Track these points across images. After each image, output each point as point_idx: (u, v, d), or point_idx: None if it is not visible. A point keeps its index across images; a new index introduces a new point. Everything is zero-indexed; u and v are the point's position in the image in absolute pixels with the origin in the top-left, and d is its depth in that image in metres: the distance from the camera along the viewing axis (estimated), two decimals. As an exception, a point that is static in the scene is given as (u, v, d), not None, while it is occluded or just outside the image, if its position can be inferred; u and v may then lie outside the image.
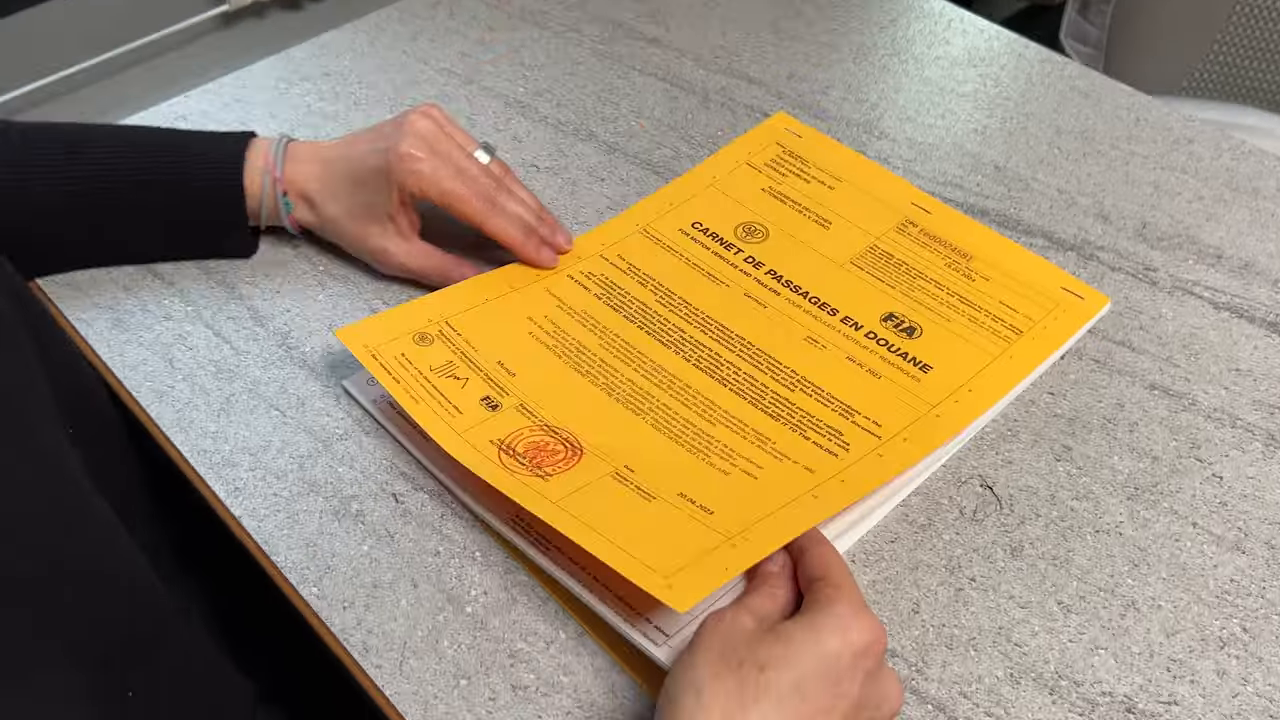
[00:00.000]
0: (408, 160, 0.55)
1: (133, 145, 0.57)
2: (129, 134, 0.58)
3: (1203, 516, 0.49)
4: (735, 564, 0.43)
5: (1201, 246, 0.62)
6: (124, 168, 0.55)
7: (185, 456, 0.51)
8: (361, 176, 0.56)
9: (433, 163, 0.55)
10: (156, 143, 0.57)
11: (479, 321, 0.56)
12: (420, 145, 0.55)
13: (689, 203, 0.63)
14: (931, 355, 0.54)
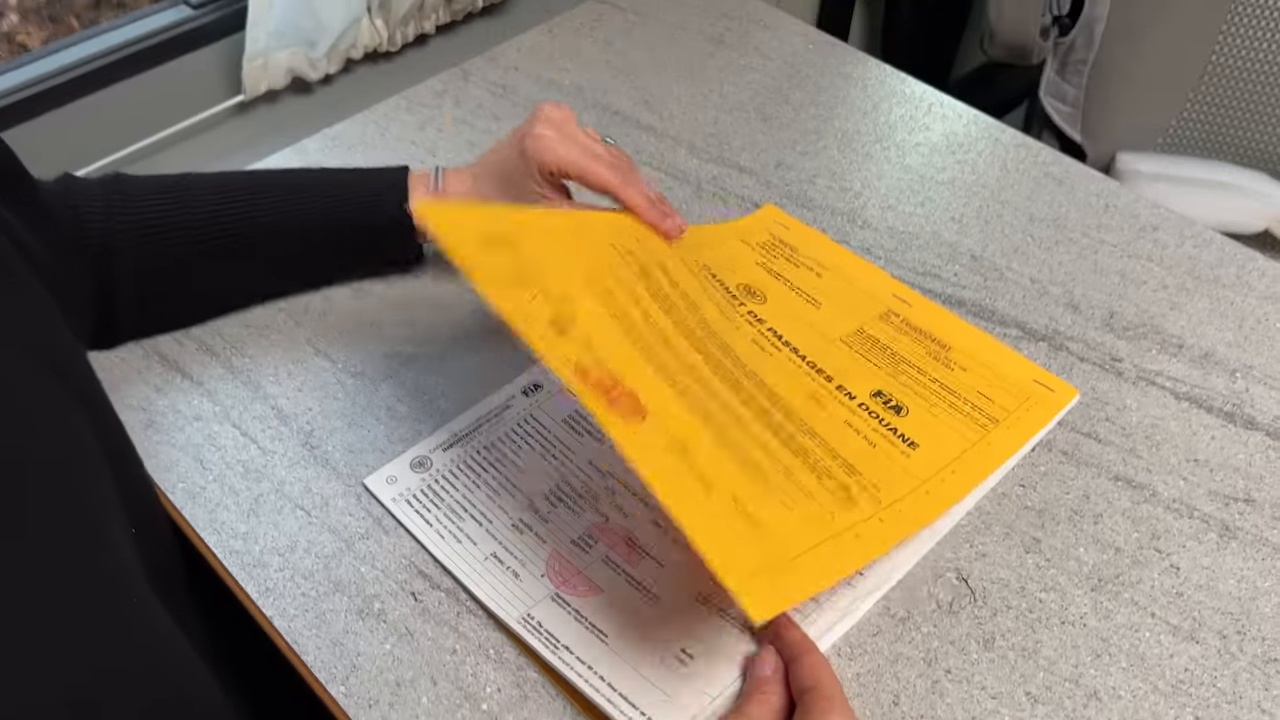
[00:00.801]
0: (541, 139, 0.60)
1: (305, 183, 0.64)
2: (298, 175, 0.65)
3: (1160, 607, 0.53)
4: (798, 591, 0.46)
5: (1165, 336, 0.66)
6: (305, 201, 0.62)
7: (219, 556, 0.55)
8: (505, 171, 0.62)
9: (564, 139, 0.61)
10: (328, 179, 0.64)
11: (559, 248, 0.55)
12: (550, 127, 0.61)
13: (701, 249, 0.66)
14: (918, 434, 0.58)
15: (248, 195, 0.61)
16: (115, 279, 0.59)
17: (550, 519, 0.56)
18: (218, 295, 0.65)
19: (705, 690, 0.49)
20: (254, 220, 0.61)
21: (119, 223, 0.59)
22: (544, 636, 0.51)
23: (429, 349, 0.65)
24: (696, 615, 0.52)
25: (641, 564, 0.54)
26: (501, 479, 0.58)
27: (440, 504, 0.57)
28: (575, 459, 0.59)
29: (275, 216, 0.62)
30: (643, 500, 0.57)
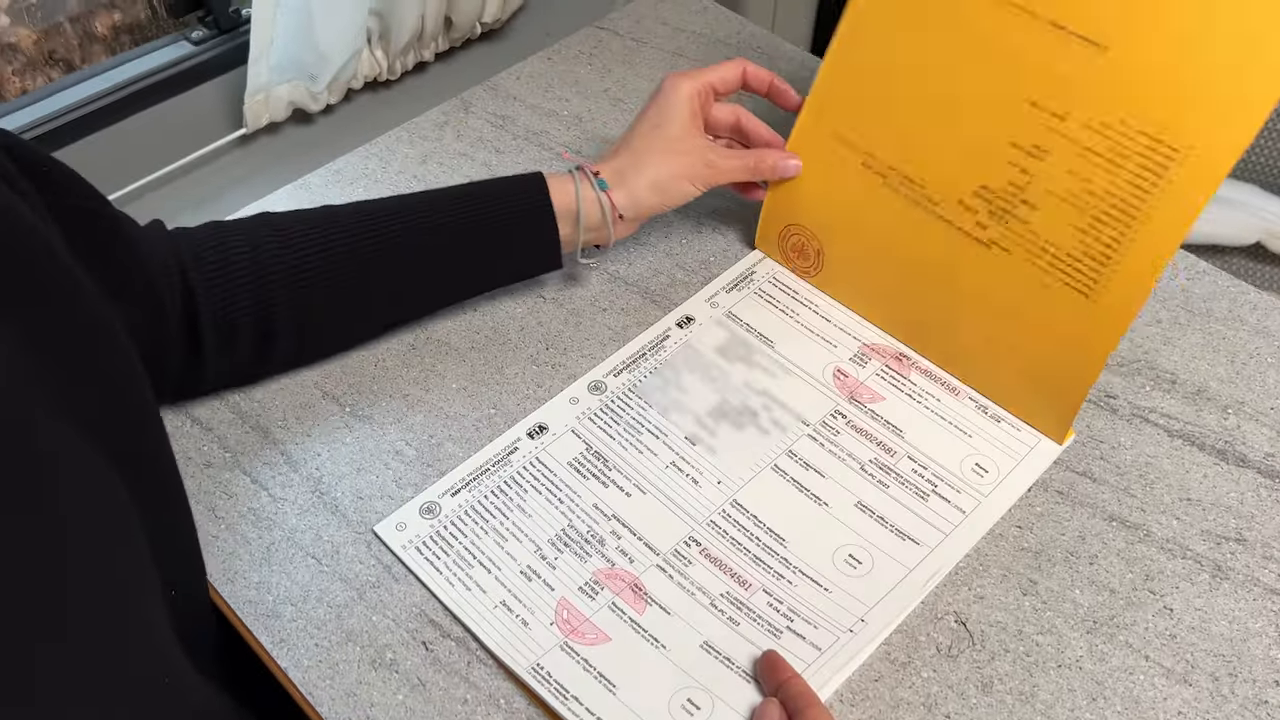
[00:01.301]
0: (681, 79, 0.67)
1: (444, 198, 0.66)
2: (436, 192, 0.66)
3: (1154, 650, 0.55)
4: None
5: (1159, 372, 0.67)
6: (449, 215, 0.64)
7: (234, 607, 0.56)
8: (654, 117, 0.67)
9: (693, 70, 0.68)
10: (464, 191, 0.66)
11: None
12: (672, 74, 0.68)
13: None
14: None
15: (390, 215, 0.63)
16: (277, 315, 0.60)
17: (557, 565, 0.57)
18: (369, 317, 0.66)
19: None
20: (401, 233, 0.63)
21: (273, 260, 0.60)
22: (553, 687, 0.52)
23: (435, 392, 0.66)
24: (703, 664, 0.53)
25: (648, 611, 0.55)
26: (509, 525, 0.59)
27: (449, 551, 0.58)
28: (580, 502, 0.60)
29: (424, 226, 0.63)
30: (649, 545, 0.58)
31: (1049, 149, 0.59)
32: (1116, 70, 0.56)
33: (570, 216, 0.65)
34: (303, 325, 0.62)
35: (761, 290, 0.71)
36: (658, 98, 0.68)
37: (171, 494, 0.51)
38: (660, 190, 0.66)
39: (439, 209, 0.64)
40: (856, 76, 0.67)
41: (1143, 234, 0.57)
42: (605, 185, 0.65)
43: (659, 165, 0.66)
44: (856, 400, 0.65)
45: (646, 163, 0.66)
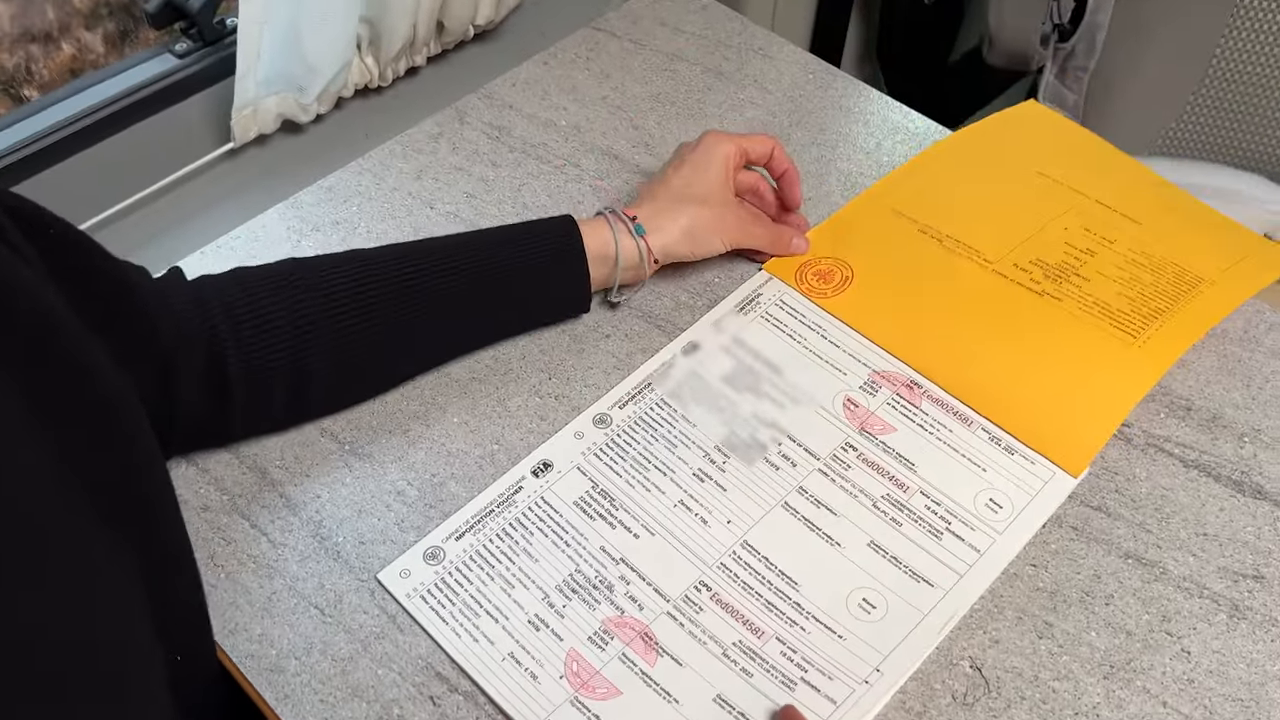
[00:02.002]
0: (722, 139, 0.69)
1: (476, 243, 0.65)
2: (464, 238, 0.66)
3: (1172, 695, 0.54)
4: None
5: (1173, 397, 0.66)
6: (482, 259, 0.64)
7: (236, 662, 0.55)
8: (691, 169, 0.68)
9: (729, 134, 0.70)
10: (497, 236, 0.66)
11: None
12: (714, 132, 0.70)
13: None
14: None
15: (423, 255, 0.63)
16: (300, 369, 0.59)
17: (565, 614, 0.56)
18: (405, 360, 0.65)
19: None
20: (435, 276, 0.62)
21: (307, 305, 0.59)
22: None
23: (436, 427, 0.64)
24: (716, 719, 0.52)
25: (659, 663, 0.54)
26: (515, 570, 0.58)
27: (455, 599, 0.57)
28: (588, 545, 0.59)
29: (455, 270, 0.63)
30: (658, 591, 0.57)
31: (1099, 254, 0.71)
32: (1150, 235, 0.72)
33: (602, 260, 0.66)
34: (339, 371, 0.61)
35: (768, 314, 0.69)
36: (697, 151, 0.69)
37: (182, 561, 0.50)
38: (693, 239, 0.67)
39: (479, 251, 0.64)
40: (925, 181, 0.77)
41: (1195, 303, 0.68)
42: (643, 230, 0.66)
43: (695, 215, 0.67)
44: (867, 432, 0.63)
45: (682, 211, 0.67)
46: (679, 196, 0.67)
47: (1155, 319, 0.66)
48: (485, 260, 0.64)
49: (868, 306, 0.69)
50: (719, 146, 0.68)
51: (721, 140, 0.69)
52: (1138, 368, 0.65)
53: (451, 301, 0.63)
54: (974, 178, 0.77)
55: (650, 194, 0.68)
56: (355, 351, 0.61)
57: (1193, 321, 0.67)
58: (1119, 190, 0.75)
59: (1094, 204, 0.74)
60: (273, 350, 0.58)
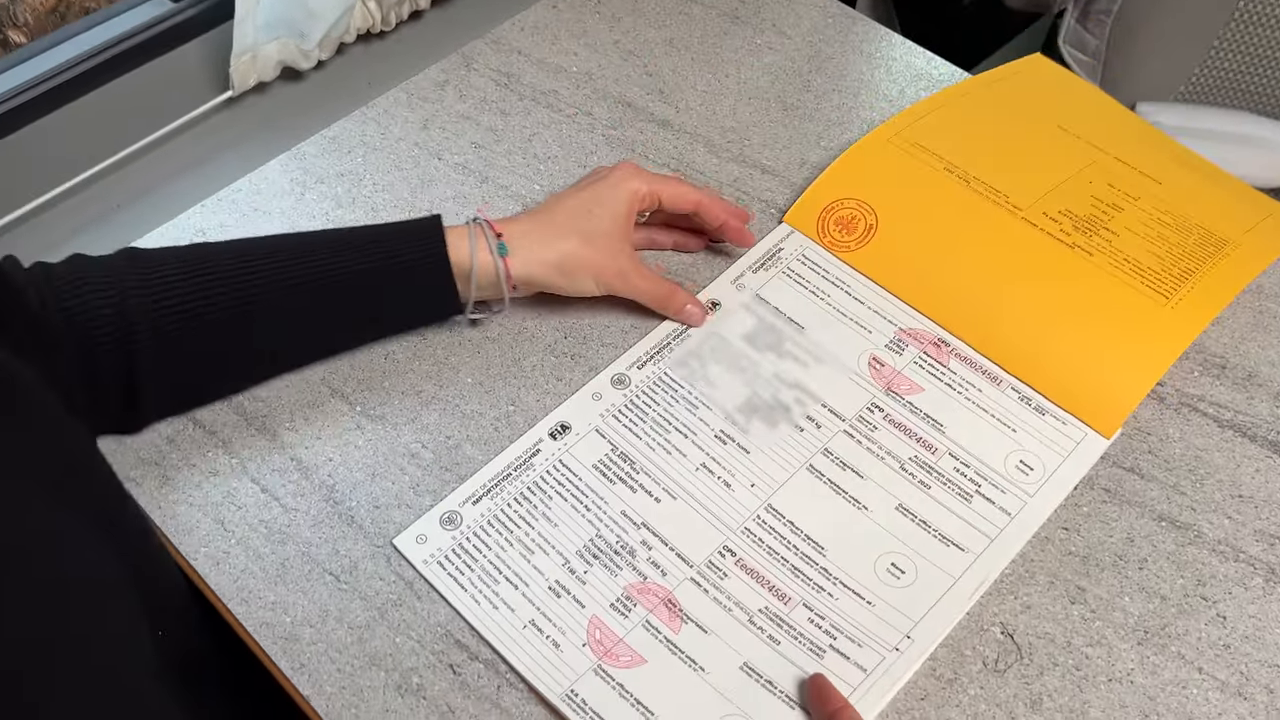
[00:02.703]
0: (631, 176, 0.63)
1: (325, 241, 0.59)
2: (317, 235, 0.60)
3: (1208, 661, 0.53)
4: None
5: (1207, 355, 0.64)
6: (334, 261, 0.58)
7: (249, 630, 0.54)
8: (590, 199, 0.62)
9: (648, 174, 0.63)
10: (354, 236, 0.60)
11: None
12: (628, 165, 0.64)
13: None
14: None
15: (267, 256, 0.57)
16: (140, 360, 0.55)
17: (587, 580, 0.55)
18: (248, 365, 0.61)
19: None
20: (280, 282, 0.57)
21: (136, 300, 0.54)
22: (589, 716, 0.50)
23: (449, 388, 0.62)
24: (744, 688, 0.51)
25: (684, 630, 0.53)
26: (534, 535, 0.56)
27: (474, 565, 0.55)
28: (608, 509, 0.57)
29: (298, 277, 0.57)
30: (681, 556, 0.55)
31: (1126, 210, 0.69)
32: (1171, 195, 0.70)
33: (459, 273, 0.59)
34: (172, 372, 0.57)
35: (790, 269, 0.67)
36: (603, 182, 0.63)
37: (147, 541, 0.49)
38: (563, 274, 0.61)
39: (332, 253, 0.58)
40: (946, 119, 0.74)
41: (1223, 265, 0.66)
42: (505, 251, 0.60)
43: (573, 250, 0.61)
44: (894, 392, 0.62)
45: (561, 241, 0.61)
46: (565, 224, 0.61)
47: (1186, 280, 0.64)
48: (330, 268, 0.58)
49: (893, 259, 0.66)
50: (627, 183, 0.62)
51: (632, 177, 0.63)
52: (1171, 330, 0.63)
53: (295, 315, 0.58)
54: (994, 123, 0.74)
55: (537, 212, 0.62)
56: (188, 353, 0.56)
57: (1223, 284, 0.65)
58: (1135, 148, 0.73)
59: (1114, 160, 0.72)
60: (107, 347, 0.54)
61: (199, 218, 0.71)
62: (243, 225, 0.70)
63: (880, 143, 0.72)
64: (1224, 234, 0.67)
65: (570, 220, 0.61)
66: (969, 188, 0.69)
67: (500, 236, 0.60)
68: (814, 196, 0.69)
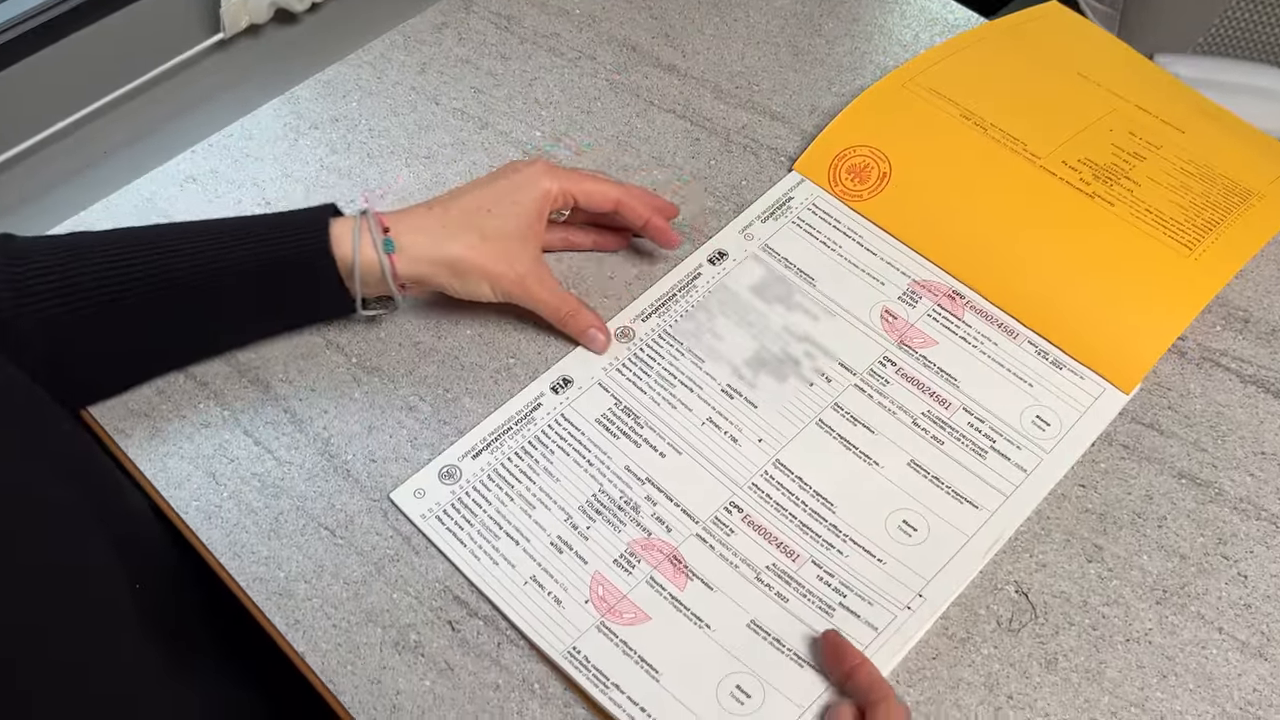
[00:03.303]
0: (542, 175, 0.57)
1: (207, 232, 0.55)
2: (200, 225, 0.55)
3: (1228, 621, 0.51)
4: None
5: (1230, 308, 0.62)
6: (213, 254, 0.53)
7: (242, 585, 0.52)
8: (493, 197, 0.57)
9: (563, 171, 0.58)
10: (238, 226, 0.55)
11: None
12: (541, 163, 0.58)
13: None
14: None
15: (148, 248, 0.52)
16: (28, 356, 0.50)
17: (590, 536, 0.53)
18: (132, 360, 0.57)
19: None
20: (160, 275, 0.52)
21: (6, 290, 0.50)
22: (592, 673, 0.48)
23: (448, 340, 0.61)
24: (751, 646, 0.50)
25: (689, 586, 0.51)
26: (536, 490, 0.54)
27: (473, 520, 0.54)
28: (611, 464, 0.55)
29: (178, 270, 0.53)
30: (686, 512, 0.54)
31: (1148, 158, 0.66)
32: (1194, 144, 0.67)
33: (347, 271, 0.55)
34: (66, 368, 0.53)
35: (800, 219, 0.65)
36: (511, 179, 0.57)
37: (121, 483, 0.48)
38: (455, 275, 0.56)
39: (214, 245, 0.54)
40: (962, 65, 0.71)
41: (1248, 216, 0.63)
42: (391, 247, 0.55)
43: (470, 250, 0.55)
44: (907, 345, 0.60)
45: (457, 239, 0.55)
46: (461, 220, 0.56)
47: (1210, 231, 0.62)
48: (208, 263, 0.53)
49: (907, 209, 0.64)
50: (537, 182, 0.57)
51: (544, 176, 0.57)
52: (1193, 282, 0.61)
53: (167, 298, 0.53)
54: (1012, 69, 0.72)
55: (433, 205, 0.57)
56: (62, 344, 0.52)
57: (1248, 236, 0.62)
58: (1157, 97, 0.70)
59: (1135, 109, 0.69)
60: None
61: (189, 163, 0.68)
62: (235, 170, 0.68)
63: (895, 88, 0.69)
64: (1249, 185, 0.65)
65: (467, 217, 0.56)
66: (986, 135, 0.66)
67: (387, 231, 0.55)
68: (825, 143, 0.67)
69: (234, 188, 0.67)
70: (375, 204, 0.66)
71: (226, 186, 0.67)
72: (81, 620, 0.42)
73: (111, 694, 0.43)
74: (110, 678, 0.42)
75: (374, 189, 0.67)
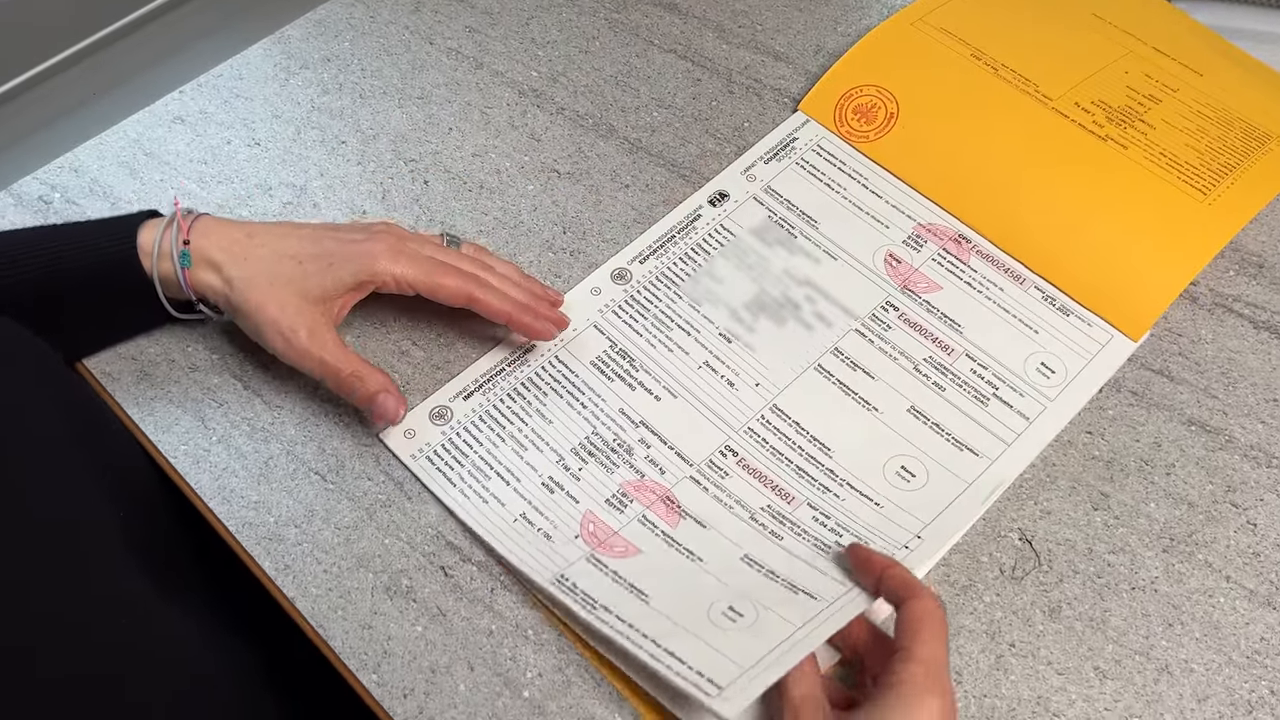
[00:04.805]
0: (382, 255, 0.51)
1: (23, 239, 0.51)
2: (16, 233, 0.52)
3: (1236, 569, 0.50)
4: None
5: (1244, 254, 0.60)
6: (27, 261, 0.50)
7: (230, 529, 0.51)
8: (304, 254, 0.51)
9: (410, 255, 0.52)
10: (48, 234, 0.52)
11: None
12: (389, 240, 0.52)
13: None
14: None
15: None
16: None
17: (581, 476, 0.52)
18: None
19: (758, 645, 0.45)
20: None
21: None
22: (579, 597, 0.48)
23: (441, 282, 0.59)
24: (744, 574, 0.49)
25: (682, 524, 0.50)
26: (527, 431, 0.53)
27: (464, 460, 0.53)
28: (605, 407, 0.54)
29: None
30: (681, 455, 0.53)
31: (1164, 100, 0.64)
32: (1213, 87, 0.65)
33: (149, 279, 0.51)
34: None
35: (804, 160, 0.63)
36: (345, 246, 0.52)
37: (114, 423, 0.47)
38: (250, 323, 0.51)
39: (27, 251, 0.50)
40: (974, 3, 0.69)
41: (1265, 161, 0.61)
42: (188, 261, 0.51)
43: (264, 300, 0.50)
44: (910, 290, 0.58)
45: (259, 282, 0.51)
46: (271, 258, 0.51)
47: (1226, 175, 0.60)
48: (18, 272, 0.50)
49: (914, 150, 0.62)
50: (375, 263, 0.51)
51: (386, 257, 0.51)
52: (1207, 227, 0.59)
53: None
54: (1024, 9, 0.69)
55: (256, 230, 0.52)
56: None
57: (1265, 181, 0.61)
58: (1174, 39, 0.68)
59: (1152, 50, 0.67)
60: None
61: (177, 104, 0.67)
62: (224, 111, 0.66)
63: (903, 27, 0.67)
64: (1268, 129, 0.63)
65: (275, 258, 0.51)
66: (996, 75, 0.64)
67: (187, 245, 0.51)
68: (831, 82, 0.65)
69: (223, 129, 0.65)
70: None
71: (215, 128, 0.65)
72: (73, 564, 0.42)
73: (106, 630, 0.42)
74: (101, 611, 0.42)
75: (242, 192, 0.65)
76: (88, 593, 0.42)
